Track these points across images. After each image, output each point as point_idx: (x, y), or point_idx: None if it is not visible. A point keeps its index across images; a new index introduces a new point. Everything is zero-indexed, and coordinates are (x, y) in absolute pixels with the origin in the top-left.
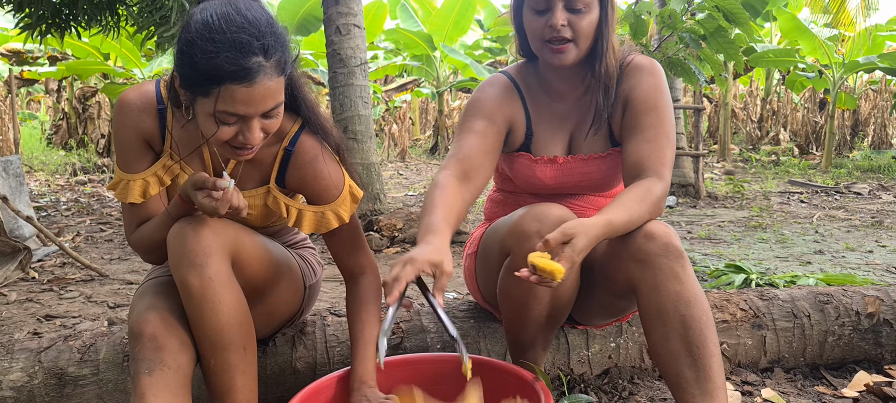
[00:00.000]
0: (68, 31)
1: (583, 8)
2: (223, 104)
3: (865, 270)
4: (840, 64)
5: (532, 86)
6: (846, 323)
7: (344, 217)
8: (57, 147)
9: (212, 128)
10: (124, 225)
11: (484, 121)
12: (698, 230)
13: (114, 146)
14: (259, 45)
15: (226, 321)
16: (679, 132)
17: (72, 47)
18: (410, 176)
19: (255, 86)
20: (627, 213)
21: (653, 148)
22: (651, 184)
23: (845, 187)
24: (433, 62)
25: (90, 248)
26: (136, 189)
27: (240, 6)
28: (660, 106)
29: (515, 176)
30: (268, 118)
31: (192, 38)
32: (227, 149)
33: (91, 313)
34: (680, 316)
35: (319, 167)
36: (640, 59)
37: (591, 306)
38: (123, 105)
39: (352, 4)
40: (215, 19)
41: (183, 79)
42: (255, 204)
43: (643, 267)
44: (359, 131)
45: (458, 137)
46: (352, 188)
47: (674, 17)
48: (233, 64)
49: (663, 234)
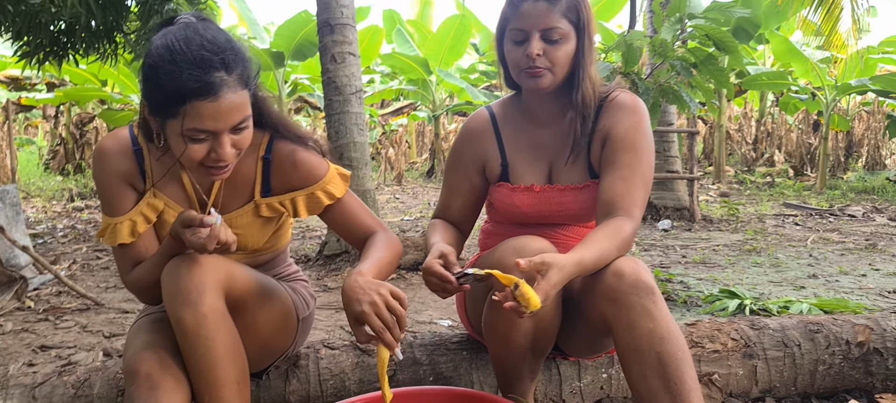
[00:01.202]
0: (66, 59)
1: (559, 38)
2: (191, 121)
3: (859, 294)
4: (832, 86)
5: (513, 117)
6: (837, 352)
7: (335, 193)
8: (54, 172)
9: (182, 148)
10: (119, 269)
11: (457, 175)
12: (693, 254)
13: (98, 195)
14: (219, 60)
15: (220, 357)
16: (673, 155)
17: (69, 74)
18: (407, 200)
19: (219, 100)
20: (598, 251)
21: (627, 187)
22: (622, 222)
23: (839, 209)
24: (429, 86)
25: (86, 276)
26: (125, 229)
27: (198, 28)
28: (638, 145)
29: (497, 205)
30: (237, 132)
31: (154, 62)
32: (202, 170)
33: (86, 343)
34: (655, 353)
35: (299, 157)
36: (623, 96)
37: (576, 340)
38: (101, 153)
39: (347, 33)
40: (175, 42)
41: (151, 106)
42: (245, 223)
43: (615, 305)
44: (354, 158)
45: (442, 189)
46: (338, 169)
47: (665, 46)
48: (196, 80)
49: (632, 271)
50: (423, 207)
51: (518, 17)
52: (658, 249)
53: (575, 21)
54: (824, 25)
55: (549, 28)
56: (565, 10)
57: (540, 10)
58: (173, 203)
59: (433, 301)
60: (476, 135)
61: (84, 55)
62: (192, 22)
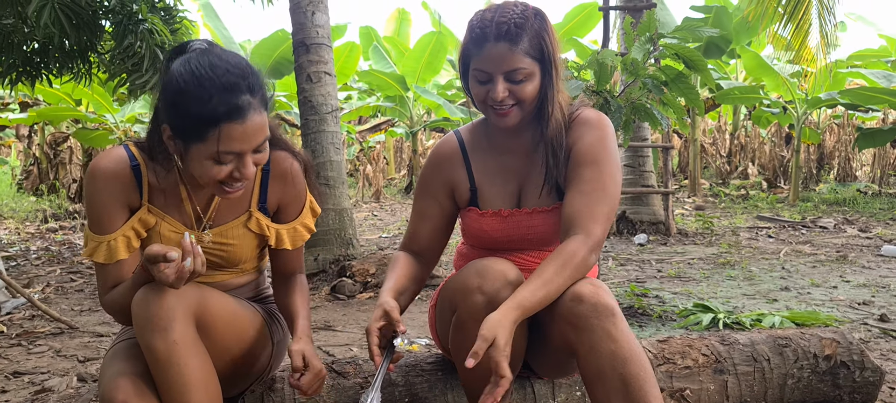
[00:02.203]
0: (39, 79)
1: (523, 78)
2: (223, 144)
3: (830, 306)
4: (803, 100)
5: (481, 143)
6: (805, 365)
7: (311, 227)
8: (27, 193)
9: (210, 170)
10: (98, 286)
11: (426, 200)
12: (668, 268)
13: (86, 213)
14: (246, 84)
15: (192, 384)
16: (649, 170)
17: (43, 93)
18: (385, 217)
19: (247, 122)
20: (543, 290)
21: (586, 202)
22: (576, 244)
23: (811, 221)
24: (406, 102)
25: (60, 299)
26: (117, 247)
27: (218, 52)
28: (600, 160)
29: (466, 229)
30: (258, 152)
31: (182, 89)
32: (219, 188)
33: (60, 368)
34: (618, 374)
35: (295, 172)
36: (587, 112)
37: (546, 362)
38: (96, 171)
39: (322, 53)
40: (200, 68)
41: (176, 130)
42: (238, 234)
43: (577, 330)
44: (331, 177)
45: (411, 216)
46: (312, 202)
47: (636, 65)
48: (226, 104)
49: (591, 294)
50: (401, 224)
51: (481, 58)
52: (634, 263)
53: (539, 57)
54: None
55: (512, 70)
56: (528, 49)
57: (501, 51)
58: (168, 217)
59: (411, 319)
60: (444, 160)
61: (57, 75)
62: (208, 47)
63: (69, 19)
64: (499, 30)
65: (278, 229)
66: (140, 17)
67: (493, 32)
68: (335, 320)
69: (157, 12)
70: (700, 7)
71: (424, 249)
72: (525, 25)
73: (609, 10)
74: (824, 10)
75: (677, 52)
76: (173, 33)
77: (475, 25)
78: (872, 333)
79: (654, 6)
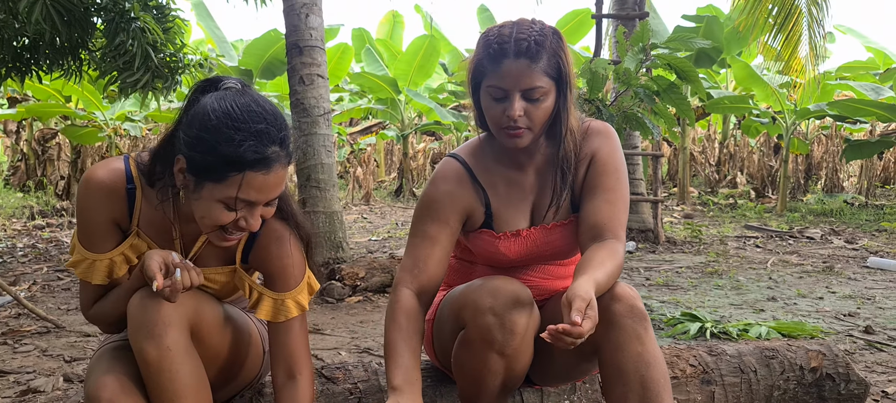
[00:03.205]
0: (29, 75)
1: (540, 97)
2: (243, 192)
3: (816, 317)
4: (792, 111)
5: (488, 164)
6: (791, 377)
7: (304, 304)
8: (14, 189)
9: (217, 214)
10: (81, 299)
11: (436, 225)
12: (657, 276)
13: (76, 220)
14: (278, 136)
15: (182, 391)
16: (638, 178)
17: (32, 89)
18: (375, 219)
19: (270, 174)
20: (606, 273)
21: (613, 210)
22: (615, 245)
23: (798, 232)
24: (398, 105)
25: (46, 298)
26: (102, 269)
27: (256, 97)
28: (619, 169)
29: (477, 251)
30: (269, 205)
31: (214, 125)
32: (218, 234)
33: (46, 368)
34: (640, 376)
35: (285, 248)
36: (596, 123)
37: (553, 368)
38: (91, 183)
39: (315, 55)
40: (237, 109)
41: (194, 165)
42: (220, 280)
43: (608, 326)
44: (322, 179)
45: (412, 242)
46: (310, 278)
47: (628, 74)
48: (256, 152)
49: (629, 297)
50: (390, 227)
51: (498, 74)
52: (622, 271)
53: (556, 76)
54: (784, 51)
55: (530, 88)
56: (546, 67)
57: (520, 68)
58: (155, 245)
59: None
60: (455, 184)
61: (47, 72)
62: (242, 89)
63: (61, 16)
64: (518, 46)
65: (262, 293)
66: (132, 15)
67: (512, 49)
68: (324, 324)
69: (150, 10)
70: (691, 16)
71: (431, 277)
72: (544, 43)
73: (602, 19)
74: (814, 21)
75: (669, 62)
76: (165, 32)
77: (492, 41)
78: (857, 345)
79: (647, 15)
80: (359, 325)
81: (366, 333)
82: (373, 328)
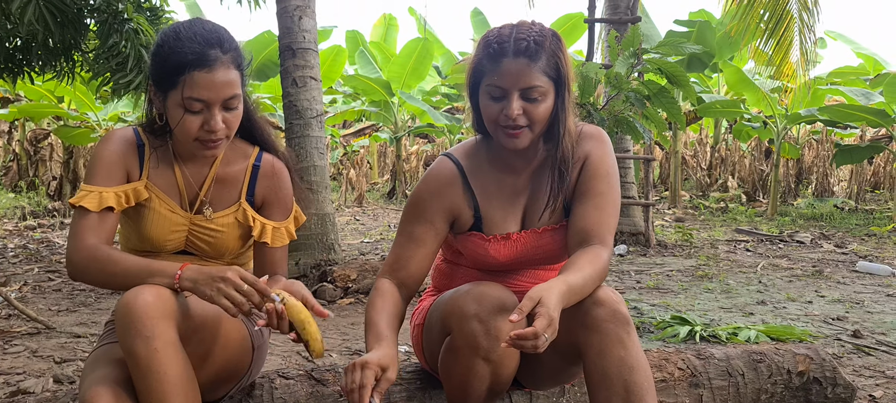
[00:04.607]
0: (21, 76)
1: (539, 97)
2: (188, 90)
3: (805, 321)
4: (783, 115)
5: (482, 166)
6: (778, 381)
7: (292, 233)
8: (6, 189)
9: (185, 122)
10: (72, 240)
11: (422, 226)
12: (647, 279)
13: (87, 171)
14: (216, 39)
15: (171, 390)
16: (630, 182)
17: (25, 90)
18: (367, 221)
19: (214, 72)
20: (582, 277)
21: (601, 215)
22: (599, 250)
23: (789, 235)
24: (391, 108)
25: (37, 298)
26: (111, 197)
27: (203, 20)
28: (611, 173)
29: (467, 254)
30: (228, 110)
31: (161, 41)
32: (197, 145)
33: (36, 369)
34: (623, 380)
35: (283, 180)
36: (589, 127)
37: (541, 372)
38: (110, 135)
39: (309, 57)
40: (181, 26)
41: (155, 81)
42: (227, 223)
43: (590, 331)
44: (314, 181)
45: (398, 240)
46: (297, 211)
47: (620, 79)
48: (195, 53)
49: (612, 301)
50: (383, 229)
51: (497, 73)
52: (613, 274)
53: (555, 77)
54: (776, 56)
55: (529, 87)
56: (545, 67)
57: (520, 67)
58: (162, 194)
59: None
60: (445, 185)
61: (40, 73)
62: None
63: (54, 17)
64: (518, 46)
65: (264, 222)
66: (125, 17)
67: (511, 48)
68: None
69: (143, 12)
70: (683, 21)
71: (412, 275)
72: (544, 43)
73: (594, 23)
74: (805, 27)
75: (660, 67)
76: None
77: (492, 41)
78: (845, 349)
79: (639, 20)
80: (350, 327)
81: (357, 335)
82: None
